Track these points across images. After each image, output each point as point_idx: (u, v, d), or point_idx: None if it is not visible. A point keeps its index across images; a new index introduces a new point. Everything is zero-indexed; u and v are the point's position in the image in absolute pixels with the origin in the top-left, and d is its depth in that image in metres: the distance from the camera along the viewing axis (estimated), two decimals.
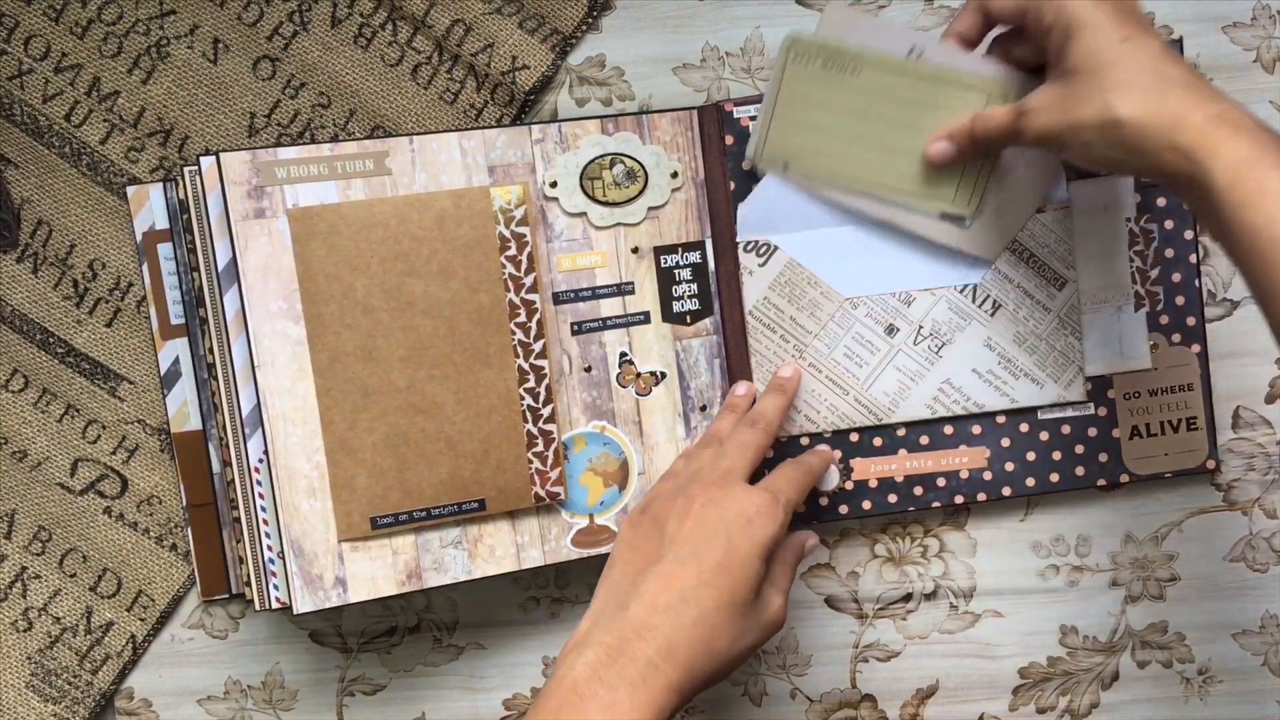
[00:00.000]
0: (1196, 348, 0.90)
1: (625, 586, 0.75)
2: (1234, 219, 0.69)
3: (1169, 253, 0.89)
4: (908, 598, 0.94)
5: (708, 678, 0.72)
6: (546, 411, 0.86)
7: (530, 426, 0.86)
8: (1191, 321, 0.90)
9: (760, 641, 0.75)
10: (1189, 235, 0.89)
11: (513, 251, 0.86)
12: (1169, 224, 0.89)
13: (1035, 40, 0.79)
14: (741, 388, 0.88)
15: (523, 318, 0.86)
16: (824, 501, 0.90)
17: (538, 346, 0.86)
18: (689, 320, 0.89)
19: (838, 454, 0.90)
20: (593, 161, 0.87)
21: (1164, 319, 0.90)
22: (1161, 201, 0.89)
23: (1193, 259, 0.89)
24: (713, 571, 0.73)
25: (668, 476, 0.82)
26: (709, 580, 0.73)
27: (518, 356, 0.86)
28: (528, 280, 0.86)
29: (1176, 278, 0.89)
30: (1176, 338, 0.90)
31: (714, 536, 0.74)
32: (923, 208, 0.86)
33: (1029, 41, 0.81)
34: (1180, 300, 0.89)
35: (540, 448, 0.86)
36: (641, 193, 0.88)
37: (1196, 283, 0.89)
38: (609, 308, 0.88)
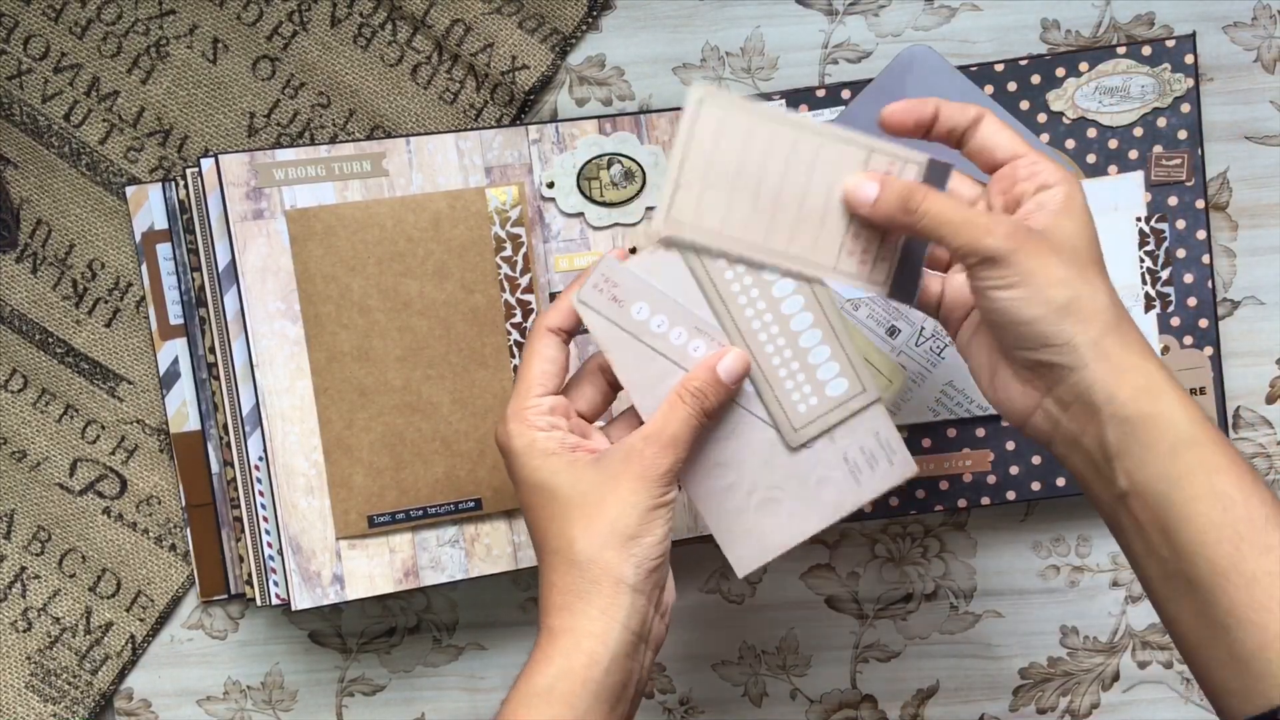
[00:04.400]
0: (1209, 350, 0.88)
1: None
2: (1177, 502, 0.62)
3: (1181, 253, 0.88)
4: (908, 598, 0.94)
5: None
6: None
7: None
8: (1204, 324, 0.88)
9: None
10: (1201, 235, 0.88)
11: (508, 252, 0.86)
12: (1181, 224, 0.88)
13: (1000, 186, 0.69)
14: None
15: (519, 318, 0.86)
16: None
17: None
18: None
19: None
20: (590, 162, 0.87)
21: (1175, 321, 0.88)
22: (1173, 201, 0.88)
23: (1206, 260, 0.88)
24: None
25: None
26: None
27: (514, 357, 0.86)
28: (523, 281, 0.86)
29: (1189, 279, 0.88)
30: (1188, 340, 0.88)
31: None
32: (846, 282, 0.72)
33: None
34: (1192, 302, 0.88)
35: None
36: (639, 193, 0.88)
37: (1210, 284, 0.88)
38: None
